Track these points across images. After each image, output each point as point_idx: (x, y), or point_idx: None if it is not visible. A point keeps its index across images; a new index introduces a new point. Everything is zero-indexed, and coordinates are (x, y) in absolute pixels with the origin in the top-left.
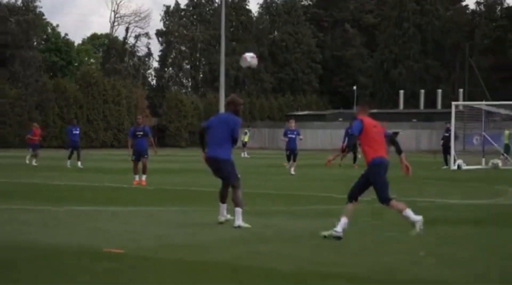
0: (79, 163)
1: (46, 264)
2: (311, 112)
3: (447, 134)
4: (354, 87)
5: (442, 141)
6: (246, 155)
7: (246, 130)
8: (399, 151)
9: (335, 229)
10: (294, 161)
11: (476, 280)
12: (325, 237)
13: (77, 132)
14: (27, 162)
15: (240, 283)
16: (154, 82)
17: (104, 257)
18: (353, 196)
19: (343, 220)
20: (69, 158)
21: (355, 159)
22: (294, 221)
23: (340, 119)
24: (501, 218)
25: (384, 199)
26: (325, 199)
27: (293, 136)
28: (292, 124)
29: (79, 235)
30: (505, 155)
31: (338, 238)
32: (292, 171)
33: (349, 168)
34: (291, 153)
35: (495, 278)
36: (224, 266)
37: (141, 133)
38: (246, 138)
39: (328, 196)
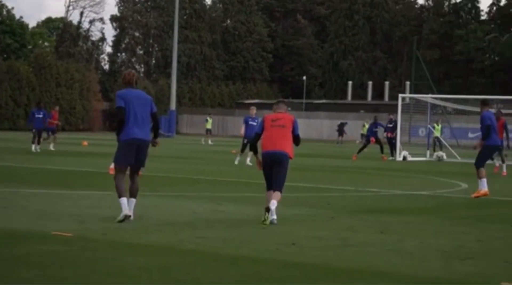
0: (38, 147)
1: None
2: (261, 100)
3: (390, 125)
4: (304, 77)
5: (385, 132)
6: (210, 142)
7: (208, 118)
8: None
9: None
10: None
11: (420, 267)
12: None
13: (40, 116)
14: (52, 148)
15: (182, 266)
16: (107, 67)
17: (53, 240)
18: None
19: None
20: (33, 142)
21: (382, 149)
22: (243, 207)
23: (289, 108)
24: (442, 208)
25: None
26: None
27: (255, 124)
28: (254, 111)
29: (27, 218)
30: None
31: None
32: (249, 161)
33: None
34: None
35: (436, 266)
36: (168, 250)
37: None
38: (209, 125)
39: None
